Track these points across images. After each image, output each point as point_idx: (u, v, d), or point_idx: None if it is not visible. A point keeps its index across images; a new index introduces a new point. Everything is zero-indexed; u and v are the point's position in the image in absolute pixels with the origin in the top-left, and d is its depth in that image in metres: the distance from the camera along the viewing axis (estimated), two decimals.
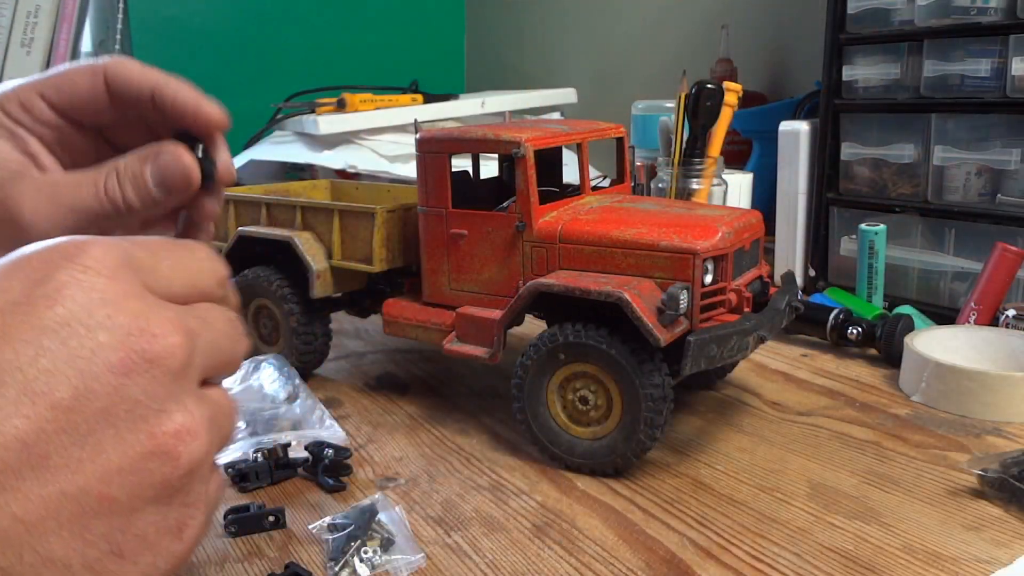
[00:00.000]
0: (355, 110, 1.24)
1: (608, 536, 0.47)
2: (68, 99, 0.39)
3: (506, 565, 0.44)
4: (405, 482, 0.54)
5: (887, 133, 0.88)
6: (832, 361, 0.76)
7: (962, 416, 0.62)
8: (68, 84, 0.39)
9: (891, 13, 0.86)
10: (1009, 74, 0.76)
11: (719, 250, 0.53)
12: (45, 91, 0.39)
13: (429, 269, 0.62)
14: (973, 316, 0.75)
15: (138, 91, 0.39)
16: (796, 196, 0.97)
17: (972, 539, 0.46)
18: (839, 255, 0.95)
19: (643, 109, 1.17)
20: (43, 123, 0.39)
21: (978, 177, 0.82)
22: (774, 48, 1.35)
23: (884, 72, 0.87)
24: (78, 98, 0.39)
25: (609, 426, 0.53)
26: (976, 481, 0.51)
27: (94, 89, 0.39)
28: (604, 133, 0.65)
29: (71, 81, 0.39)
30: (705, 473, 0.54)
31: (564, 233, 0.56)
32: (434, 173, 0.60)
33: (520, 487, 0.53)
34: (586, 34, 1.74)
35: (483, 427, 0.62)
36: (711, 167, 0.81)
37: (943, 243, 0.85)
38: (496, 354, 0.57)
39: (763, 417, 0.63)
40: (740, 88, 0.81)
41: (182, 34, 1.69)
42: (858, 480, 0.53)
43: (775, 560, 0.44)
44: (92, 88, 0.39)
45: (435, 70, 1.97)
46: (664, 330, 0.50)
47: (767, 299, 0.58)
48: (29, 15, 1.25)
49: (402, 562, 0.44)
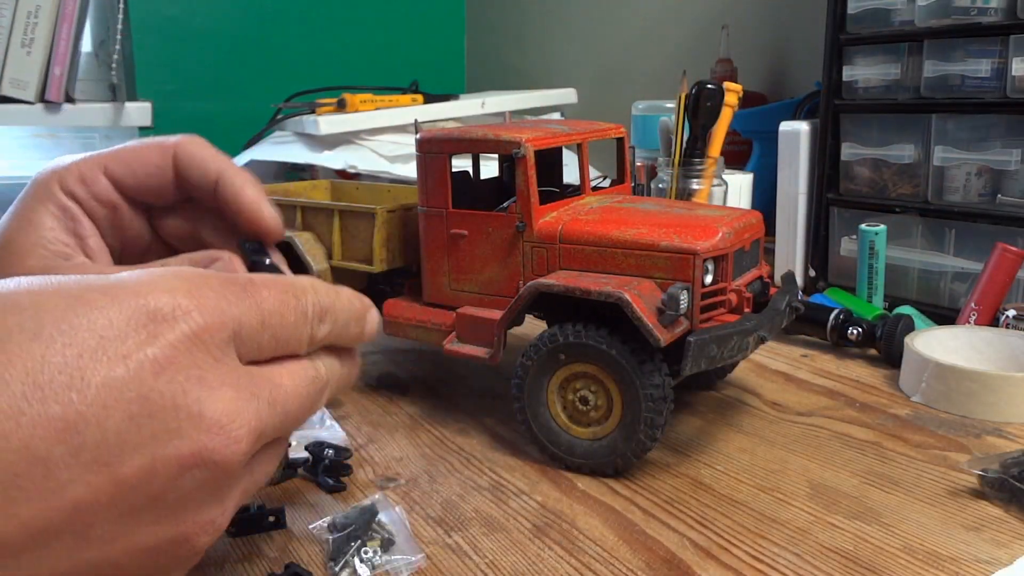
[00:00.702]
0: (355, 110, 1.24)
1: (608, 536, 0.47)
2: (133, 175, 0.38)
3: (506, 565, 0.44)
4: (405, 482, 0.54)
5: (887, 133, 0.88)
6: (832, 361, 0.76)
7: (962, 416, 0.63)
8: (136, 160, 0.38)
9: (891, 13, 0.86)
10: (1009, 74, 0.76)
11: (719, 250, 0.53)
12: (110, 165, 0.38)
13: (429, 269, 0.62)
14: (973, 316, 0.75)
15: (205, 176, 0.38)
16: (796, 196, 0.97)
17: (972, 539, 0.46)
18: (839, 255, 0.95)
19: (643, 109, 1.17)
20: (100, 201, 0.37)
21: (978, 177, 0.82)
22: (774, 48, 1.35)
23: (884, 72, 0.87)
24: (144, 175, 0.38)
25: (609, 426, 0.53)
26: (976, 481, 0.51)
27: (162, 168, 0.38)
28: (604, 133, 0.65)
29: (139, 157, 0.38)
30: (705, 473, 0.54)
31: (564, 233, 0.56)
32: (434, 173, 0.60)
33: (520, 487, 0.53)
34: (586, 34, 1.74)
35: (483, 427, 0.62)
36: (711, 167, 0.81)
37: (943, 243, 0.85)
38: (496, 354, 0.57)
39: (763, 417, 0.63)
40: (740, 88, 0.81)
41: (182, 34, 1.69)
42: (858, 480, 0.53)
43: (775, 560, 0.44)
44: (160, 167, 0.38)
45: (435, 70, 1.98)
46: (664, 330, 0.50)
47: (767, 299, 0.58)
48: (29, 15, 1.25)
49: (402, 562, 0.44)
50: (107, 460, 0.24)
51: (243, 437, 0.26)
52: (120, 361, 0.24)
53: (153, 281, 0.26)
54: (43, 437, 0.22)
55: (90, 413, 0.23)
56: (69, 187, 0.37)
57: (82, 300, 0.25)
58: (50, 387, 0.23)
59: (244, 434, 0.26)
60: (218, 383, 0.26)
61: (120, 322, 0.25)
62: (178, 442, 0.25)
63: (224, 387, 0.26)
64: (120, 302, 0.25)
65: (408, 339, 0.63)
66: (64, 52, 1.26)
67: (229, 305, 0.27)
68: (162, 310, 0.25)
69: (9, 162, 1.46)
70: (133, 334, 0.25)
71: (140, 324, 0.25)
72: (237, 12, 1.77)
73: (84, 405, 0.23)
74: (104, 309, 0.25)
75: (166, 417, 0.24)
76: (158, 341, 0.25)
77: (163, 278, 0.26)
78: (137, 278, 0.26)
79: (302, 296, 0.30)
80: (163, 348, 0.25)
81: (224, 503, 0.27)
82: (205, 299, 0.26)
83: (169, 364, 0.25)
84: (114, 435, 0.24)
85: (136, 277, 0.26)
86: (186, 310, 0.26)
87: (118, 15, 1.31)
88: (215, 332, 0.26)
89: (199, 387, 0.25)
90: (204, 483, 0.26)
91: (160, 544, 0.26)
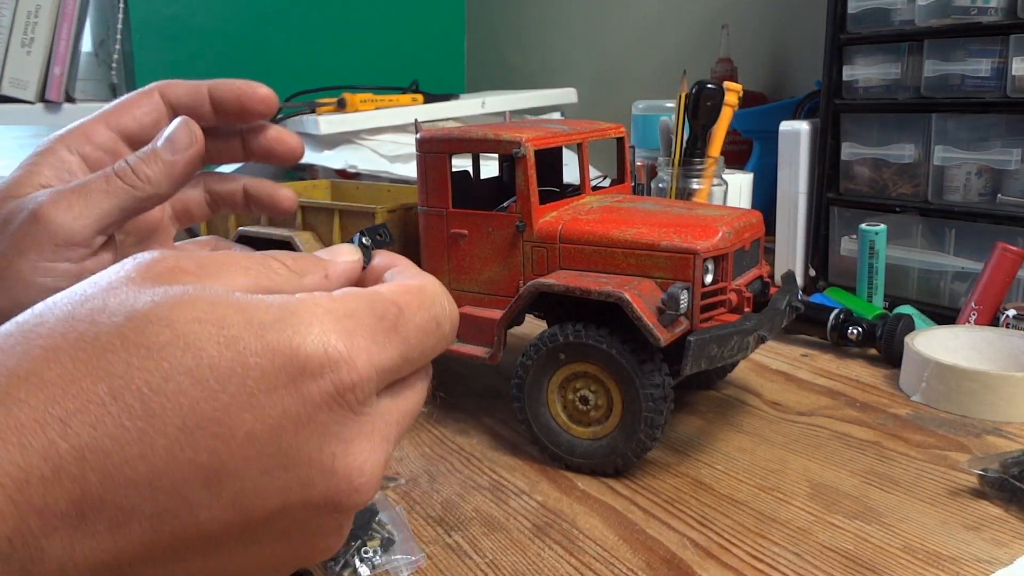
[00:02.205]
0: (355, 110, 1.24)
1: (608, 536, 0.47)
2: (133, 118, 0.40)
3: (506, 565, 0.44)
4: (405, 482, 0.54)
5: (887, 133, 0.88)
6: (832, 361, 0.76)
7: (962, 416, 0.63)
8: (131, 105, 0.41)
9: (891, 13, 0.86)
10: (1009, 74, 0.76)
11: (719, 250, 0.53)
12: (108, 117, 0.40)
13: (429, 269, 0.62)
14: (973, 316, 0.75)
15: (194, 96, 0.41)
16: (796, 196, 0.97)
17: (972, 539, 0.46)
18: (839, 255, 0.95)
19: (643, 109, 1.17)
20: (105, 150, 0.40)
21: (978, 177, 0.82)
22: (774, 48, 1.35)
23: (884, 72, 0.87)
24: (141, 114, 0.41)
25: (609, 426, 0.53)
26: (976, 481, 0.51)
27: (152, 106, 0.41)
28: (604, 133, 0.65)
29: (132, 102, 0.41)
30: (705, 473, 0.54)
31: (564, 233, 0.56)
32: (434, 173, 0.60)
33: (520, 487, 0.53)
34: (586, 34, 1.74)
35: (483, 427, 0.62)
36: (711, 167, 0.81)
37: (943, 243, 0.85)
38: (496, 354, 0.57)
39: (763, 417, 0.63)
40: (740, 88, 0.81)
41: (182, 34, 1.69)
42: (858, 480, 0.53)
43: (775, 560, 0.44)
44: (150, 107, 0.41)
45: (435, 70, 1.97)
46: (664, 330, 0.50)
47: (767, 299, 0.58)
48: (29, 15, 1.25)
49: (402, 562, 0.44)
50: (242, 505, 0.25)
51: (371, 488, 0.27)
52: (265, 415, 0.24)
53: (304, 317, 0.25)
54: (190, 482, 0.24)
55: (232, 464, 0.24)
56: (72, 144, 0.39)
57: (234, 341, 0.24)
58: (201, 435, 0.24)
59: (372, 485, 0.27)
60: (354, 436, 0.26)
61: (271, 372, 0.24)
62: (310, 492, 0.26)
63: (360, 439, 0.26)
64: (272, 349, 0.25)
65: None
66: (64, 52, 1.26)
67: (380, 352, 0.27)
68: (312, 360, 0.25)
69: (9, 162, 1.46)
70: (280, 388, 0.25)
71: (289, 377, 0.25)
72: (237, 12, 1.77)
73: (228, 456, 0.24)
74: (257, 356, 0.24)
75: (300, 471, 0.25)
76: (304, 400, 0.25)
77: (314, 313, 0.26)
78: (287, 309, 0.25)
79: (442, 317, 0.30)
80: (307, 407, 0.25)
81: (342, 531, 0.28)
82: (356, 349, 0.26)
83: (310, 421, 0.25)
84: (251, 485, 0.25)
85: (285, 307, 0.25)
86: (335, 363, 0.25)
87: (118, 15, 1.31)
88: (361, 388, 0.26)
89: (335, 443, 0.26)
90: (327, 522, 0.27)
91: (280, 561, 0.27)
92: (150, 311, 0.24)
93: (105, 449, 0.23)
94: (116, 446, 0.23)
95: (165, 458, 0.23)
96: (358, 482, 0.26)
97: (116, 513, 0.23)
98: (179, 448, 0.23)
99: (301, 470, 0.25)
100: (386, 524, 0.46)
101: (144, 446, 0.23)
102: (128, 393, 0.23)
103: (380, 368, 0.27)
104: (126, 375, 0.23)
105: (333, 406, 0.25)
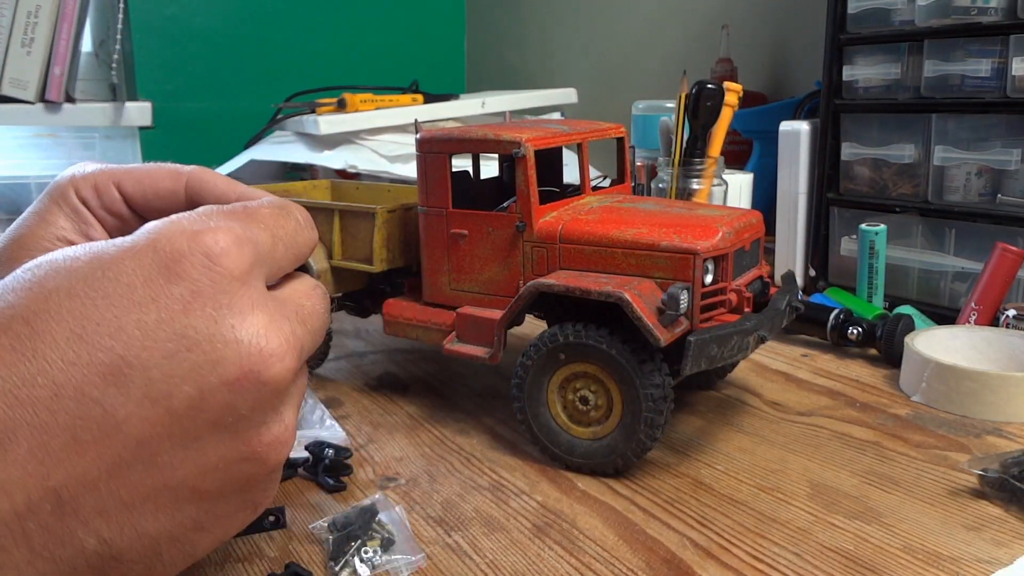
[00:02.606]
0: (355, 110, 1.24)
1: (608, 536, 0.47)
2: (143, 194, 0.39)
3: (506, 565, 0.44)
4: (405, 482, 0.54)
5: (887, 133, 0.88)
6: (832, 361, 0.76)
7: (962, 416, 0.63)
8: (149, 179, 0.39)
9: (891, 13, 0.86)
10: (1009, 74, 0.76)
11: (719, 250, 0.53)
12: (124, 181, 0.39)
13: (429, 269, 0.62)
14: (973, 316, 0.75)
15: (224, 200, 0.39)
16: (796, 196, 0.97)
17: (972, 539, 0.46)
18: (839, 255, 0.95)
19: (643, 109, 1.17)
20: (110, 211, 0.39)
21: (978, 177, 0.82)
22: (774, 48, 1.35)
23: (884, 72, 0.87)
24: (153, 195, 0.39)
25: (609, 426, 0.53)
26: (976, 481, 0.51)
27: (174, 192, 0.39)
28: (604, 133, 0.65)
29: (152, 177, 0.39)
30: (705, 473, 0.54)
31: (564, 233, 0.56)
32: (434, 173, 0.60)
33: (520, 487, 0.53)
34: (586, 34, 1.74)
35: (483, 427, 0.62)
36: (711, 167, 0.81)
37: (943, 243, 0.85)
38: (496, 354, 0.57)
39: (763, 417, 0.63)
40: (740, 88, 0.81)
41: (182, 34, 1.69)
42: (858, 480, 0.53)
43: (775, 560, 0.44)
44: (173, 191, 0.39)
45: (435, 70, 1.97)
46: (664, 330, 0.50)
47: (767, 299, 0.58)
48: (29, 15, 1.25)
49: (402, 562, 0.44)
50: (155, 396, 0.26)
51: (286, 354, 0.28)
52: (149, 304, 0.26)
53: (164, 228, 0.28)
54: (93, 382, 0.25)
55: (131, 355, 0.25)
56: (83, 194, 0.39)
57: (105, 258, 0.27)
58: (91, 338, 0.25)
59: (286, 351, 0.28)
60: (248, 308, 0.28)
61: (142, 270, 0.27)
62: (221, 369, 0.26)
63: (255, 311, 0.28)
64: (138, 254, 0.27)
65: (408, 339, 0.63)
66: (64, 52, 1.26)
67: (241, 227, 0.29)
68: (177, 242, 0.27)
69: (9, 162, 1.46)
70: (156, 277, 0.27)
71: (162, 266, 0.27)
72: (237, 12, 1.77)
73: (124, 349, 0.25)
74: (126, 262, 0.27)
75: (204, 348, 0.26)
76: (181, 278, 0.27)
77: (173, 223, 0.28)
78: (148, 230, 0.28)
79: (287, 207, 0.33)
80: (187, 284, 0.27)
81: (283, 418, 0.29)
82: (216, 224, 0.28)
83: (195, 298, 0.27)
84: (157, 372, 0.26)
85: (147, 229, 0.28)
86: (199, 237, 0.27)
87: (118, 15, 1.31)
88: (233, 253, 0.28)
89: (230, 314, 0.27)
90: (257, 403, 0.28)
91: (230, 464, 0.28)
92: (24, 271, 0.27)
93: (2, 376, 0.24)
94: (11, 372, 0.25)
95: (63, 367, 0.25)
96: (267, 349, 0.27)
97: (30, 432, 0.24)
98: (74, 354, 0.25)
99: (205, 347, 0.26)
100: (386, 524, 0.46)
101: (40, 362, 0.25)
102: (16, 322, 0.25)
103: (244, 238, 0.28)
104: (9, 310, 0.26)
105: (213, 276, 0.27)
